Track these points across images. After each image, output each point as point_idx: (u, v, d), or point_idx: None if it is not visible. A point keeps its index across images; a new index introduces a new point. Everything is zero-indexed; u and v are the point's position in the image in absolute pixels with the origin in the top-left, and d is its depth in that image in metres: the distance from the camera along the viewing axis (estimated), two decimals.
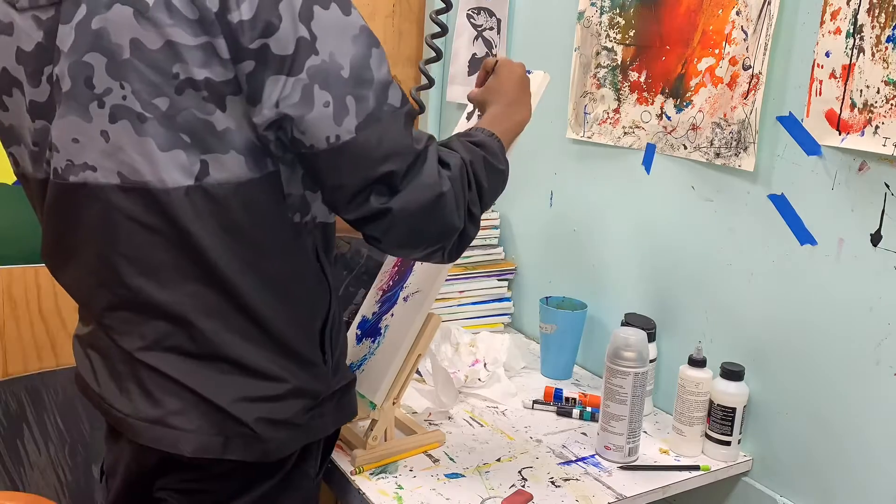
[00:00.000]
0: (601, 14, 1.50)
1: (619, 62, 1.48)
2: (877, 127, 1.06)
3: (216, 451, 0.91)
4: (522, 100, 1.13)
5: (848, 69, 1.09)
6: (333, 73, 0.82)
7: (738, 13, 1.25)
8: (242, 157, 0.85)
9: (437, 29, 1.33)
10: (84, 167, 0.87)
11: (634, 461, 1.24)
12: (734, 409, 1.24)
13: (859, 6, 1.07)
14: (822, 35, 1.12)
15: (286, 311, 0.93)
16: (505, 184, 1.03)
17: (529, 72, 1.25)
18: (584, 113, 1.56)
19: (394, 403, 1.16)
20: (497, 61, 1.16)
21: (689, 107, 1.34)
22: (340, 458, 1.19)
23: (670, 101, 1.38)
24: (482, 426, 1.33)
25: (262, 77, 0.81)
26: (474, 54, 1.90)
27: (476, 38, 1.89)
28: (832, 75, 1.11)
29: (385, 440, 1.18)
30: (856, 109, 1.09)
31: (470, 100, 1.19)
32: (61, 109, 0.87)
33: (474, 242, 1.71)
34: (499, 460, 1.22)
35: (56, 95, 0.87)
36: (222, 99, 0.83)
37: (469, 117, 1.32)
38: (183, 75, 0.81)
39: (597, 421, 1.29)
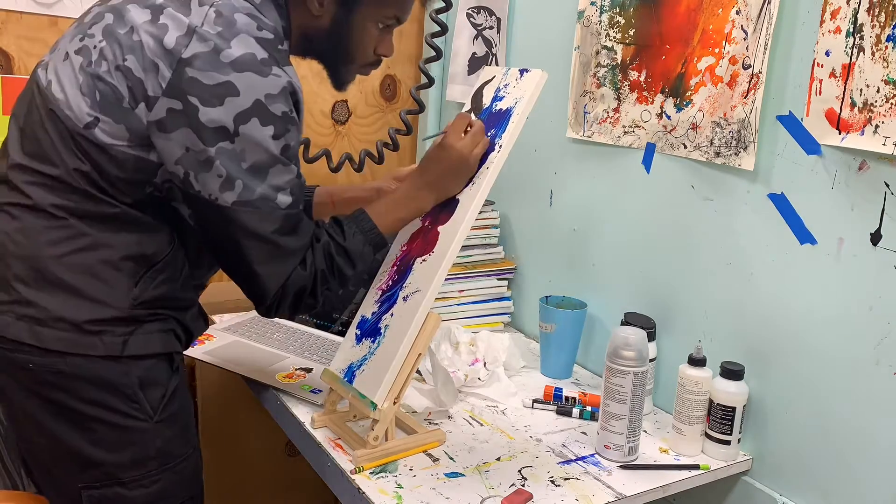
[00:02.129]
0: (601, 13, 1.50)
1: (618, 61, 1.48)
2: (877, 126, 1.06)
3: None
4: (440, 184, 1.22)
5: (848, 68, 1.09)
6: (236, 160, 1.03)
7: (738, 12, 1.25)
8: (128, 134, 1.04)
9: (437, 28, 1.33)
10: (45, 66, 1.11)
11: (634, 460, 1.24)
12: (734, 409, 1.24)
13: (859, 5, 1.07)
14: (822, 34, 1.12)
15: (114, 242, 1.09)
16: (348, 281, 1.20)
17: (526, 70, 1.25)
18: (584, 112, 1.56)
19: (394, 403, 1.16)
20: (463, 131, 1.22)
21: (689, 106, 1.34)
22: (340, 458, 1.19)
23: (670, 101, 1.38)
24: (482, 425, 1.33)
25: (181, 122, 1.02)
26: (474, 53, 1.90)
27: (476, 37, 1.88)
28: (832, 74, 1.11)
29: (386, 440, 1.18)
30: (856, 109, 1.09)
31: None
32: (72, 28, 1.12)
33: (475, 242, 1.73)
34: (499, 459, 1.22)
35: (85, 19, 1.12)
36: (138, 99, 1.03)
37: None
38: (128, 64, 1.03)
39: (597, 420, 1.29)
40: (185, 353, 1.26)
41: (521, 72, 1.26)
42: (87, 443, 1.10)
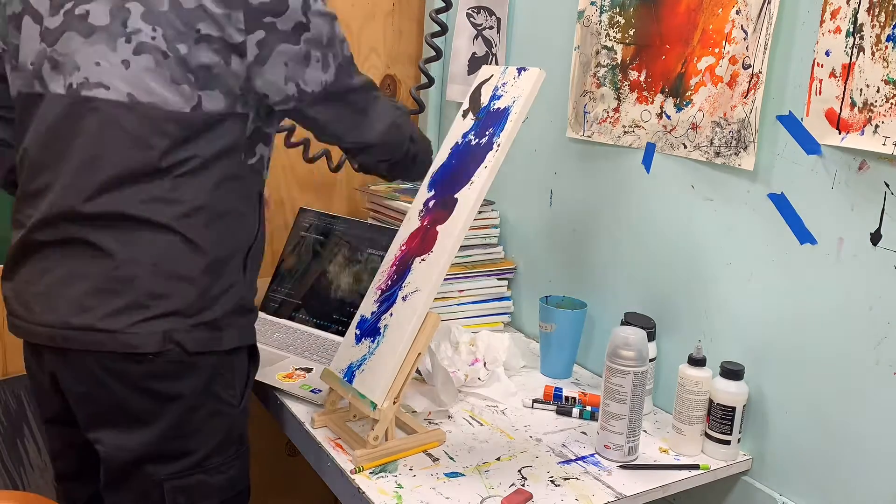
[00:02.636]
0: (601, 13, 1.50)
1: (618, 61, 1.48)
2: (877, 126, 1.06)
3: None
4: None
5: (848, 68, 1.09)
6: (318, 41, 1.15)
7: (737, 12, 1.25)
8: (223, 97, 1.10)
9: (437, 28, 1.33)
10: (98, 85, 1.08)
11: (634, 460, 1.24)
12: (734, 409, 1.24)
13: (859, 5, 1.07)
14: (822, 34, 1.12)
15: (220, 235, 1.14)
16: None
17: (524, 69, 1.25)
18: (584, 112, 1.56)
19: (394, 403, 1.16)
20: None
21: (689, 106, 1.34)
22: (340, 458, 1.19)
23: (670, 101, 1.37)
24: (482, 425, 1.33)
25: (271, 44, 1.10)
26: (474, 53, 1.90)
27: (476, 36, 1.88)
28: (832, 74, 1.11)
29: (386, 440, 1.18)
30: (856, 108, 1.09)
31: None
32: (92, 38, 1.08)
33: (475, 242, 1.73)
34: (498, 459, 1.22)
35: (70, 25, 1.09)
36: (229, 55, 1.09)
37: (465, 115, 1.32)
38: (204, 31, 1.07)
39: (596, 420, 1.29)
40: None
41: (519, 70, 1.26)
42: (185, 433, 1.14)
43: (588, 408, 1.38)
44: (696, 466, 1.23)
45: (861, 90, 1.08)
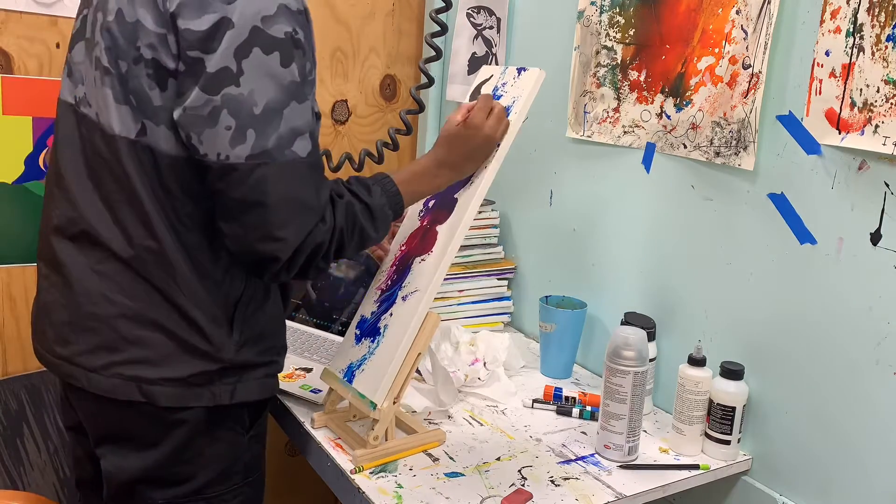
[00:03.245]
0: (601, 13, 1.50)
1: (618, 61, 1.48)
2: (877, 126, 1.06)
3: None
4: (463, 166, 1.20)
5: (848, 68, 1.09)
6: (246, 106, 0.93)
7: (737, 12, 1.25)
8: (172, 134, 0.97)
9: (437, 28, 1.33)
10: (86, 103, 1.03)
11: (634, 460, 1.24)
12: (734, 409, 1.24)
13: (859, 5, 1.07)
14: (822, 34, 1.12)
15: (196, 279, 1.02)
16: (369, 243, 1.12)
17: (524, 69, 1.25)
18: (584, 112, 1.56)
19: (394, 403, 1.16)
20: (488, 112, 1.18)
21: (689, 106, 1.34)
22: (340, 458, 1.19)
23: (670, 101, 1.37)
24: (482, 425, 1.33)
25: (189, 82, 0.93)
26: (474, 53, 1.90)
27: (476, 36, 1.88)
28: (832, 74, 1.11)
29: (386, 439, 1.18)
30: (856, 108, 1.09)
31: (442, 129, 1.23)
32: (87, 51, 1.04)
33: (474, 242, 1.73)
34: (498, 459, 1.22)
35: (82, 34, 1.06)
36: (164, 80, 0.95)
37: None
38: (140, 51, 0.95)
39: (596, 420, 1.29)
40: None
41: (519, 70, 1.26)
42: (183, 459, 1.09)
43: (588, 408, 1.38)
44: (696, 466, 1.23)
45: (861, 90, 1.08)
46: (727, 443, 1.26)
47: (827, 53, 1.12)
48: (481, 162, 1.20)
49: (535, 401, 1.41)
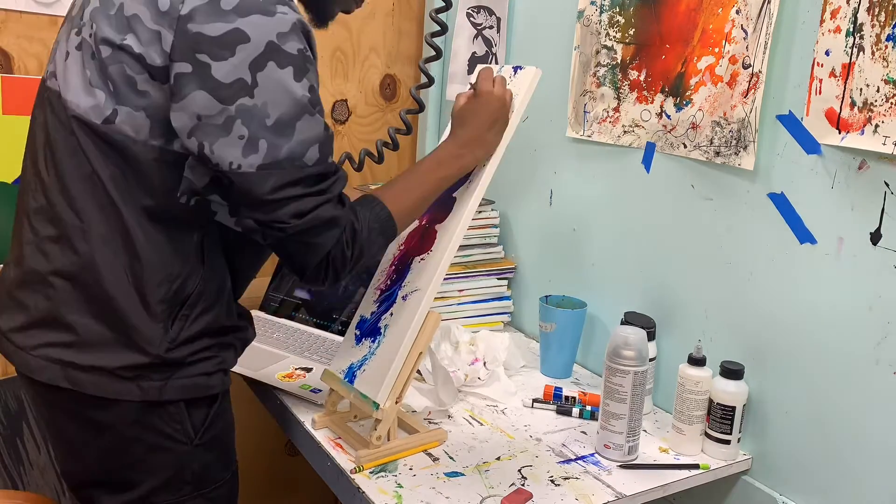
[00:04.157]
0: (601, 13, 1.50)
1: (618, 61, 1.48)
2: (877, 126, 1.06)
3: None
4: (486, 138, 1.19)
5: (848, 68, 1.09)
6: (258, 117, 0.94)
7: (737, 12, 1.25)
8: (148, 124, 0.97)
9: (437, 27, 1.32)
10: (52, 75, 1.05)
11: (634, 460, 1.24)
12: (734, 408, 1.24)
13: (859, 5, 1.07)
14: (822, 34, 1.12)
15: (142, 272, 1.01)
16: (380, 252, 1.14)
17: (520, 67, 1.25)
18: (584, 112, 1.56)
19: (396, 402, 1.16)
20: (493, 81, 1.19)
21: (689, 105, 1.34)
22: (340, 458, 1.19)
23: (670, 100, 1.37)
24: (482, 425, 1.33)
25: (193, 85, 0.93)
26: (474, 53, 1.90)
27: (476, 36, 1.88)
28: (832, 74, 1.11)
29: (388, 439, 1.18)
30: (856, 108, 1.09)
31: (452, 113, 1.23)
32: (67, 27, 1.07)
33: (474, 241, 1.73)
34: (498, 459, 1.22)
35: (70, 14, 1.09)
36: (149, 75, 0.96)
37: None
38: (128, 42, 0.96)
39: (596, 420, 1.29)
40: None
41: (515, 69, 1.25)
42: (124, 464, 1.07)
43: (588, 407, 1.38)
44: (696, 466, 1.23)
45: (861, 90, 1.08)
46: (727, 442, 1.26)
47: (827, 53, 1.12)
48: (502, 131, 1.19)
49: (535, 400, 1.41)
